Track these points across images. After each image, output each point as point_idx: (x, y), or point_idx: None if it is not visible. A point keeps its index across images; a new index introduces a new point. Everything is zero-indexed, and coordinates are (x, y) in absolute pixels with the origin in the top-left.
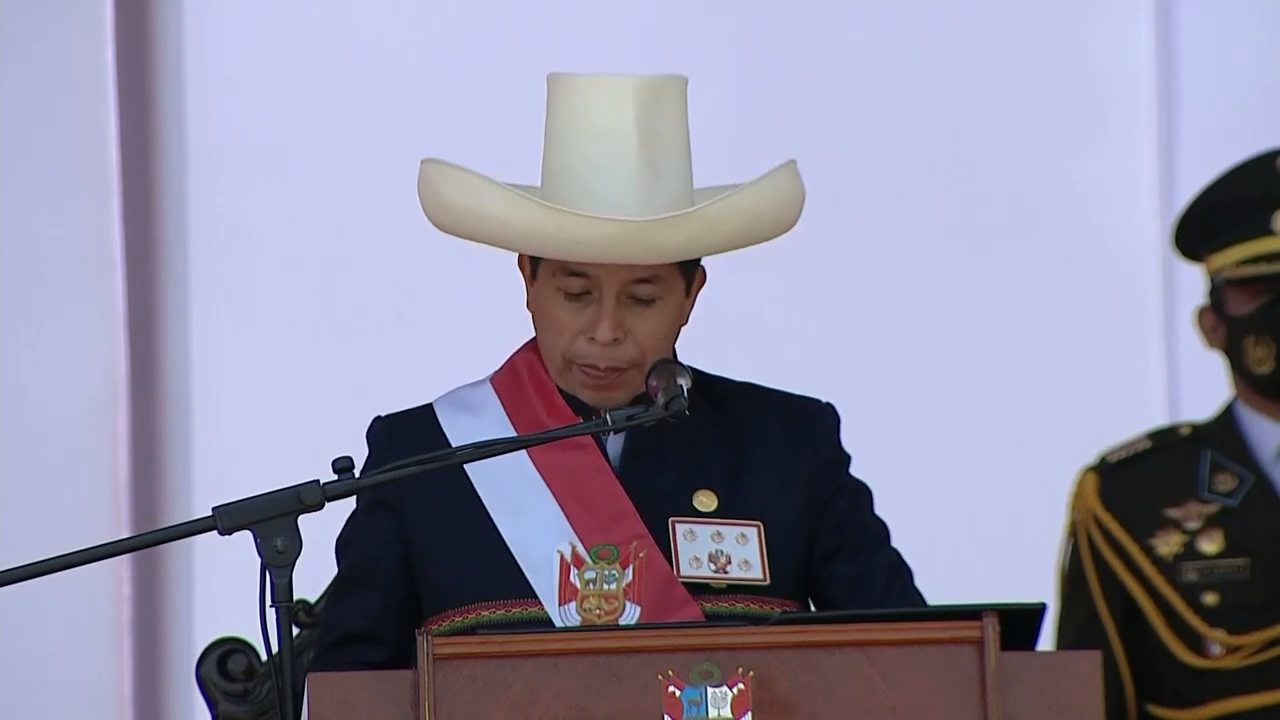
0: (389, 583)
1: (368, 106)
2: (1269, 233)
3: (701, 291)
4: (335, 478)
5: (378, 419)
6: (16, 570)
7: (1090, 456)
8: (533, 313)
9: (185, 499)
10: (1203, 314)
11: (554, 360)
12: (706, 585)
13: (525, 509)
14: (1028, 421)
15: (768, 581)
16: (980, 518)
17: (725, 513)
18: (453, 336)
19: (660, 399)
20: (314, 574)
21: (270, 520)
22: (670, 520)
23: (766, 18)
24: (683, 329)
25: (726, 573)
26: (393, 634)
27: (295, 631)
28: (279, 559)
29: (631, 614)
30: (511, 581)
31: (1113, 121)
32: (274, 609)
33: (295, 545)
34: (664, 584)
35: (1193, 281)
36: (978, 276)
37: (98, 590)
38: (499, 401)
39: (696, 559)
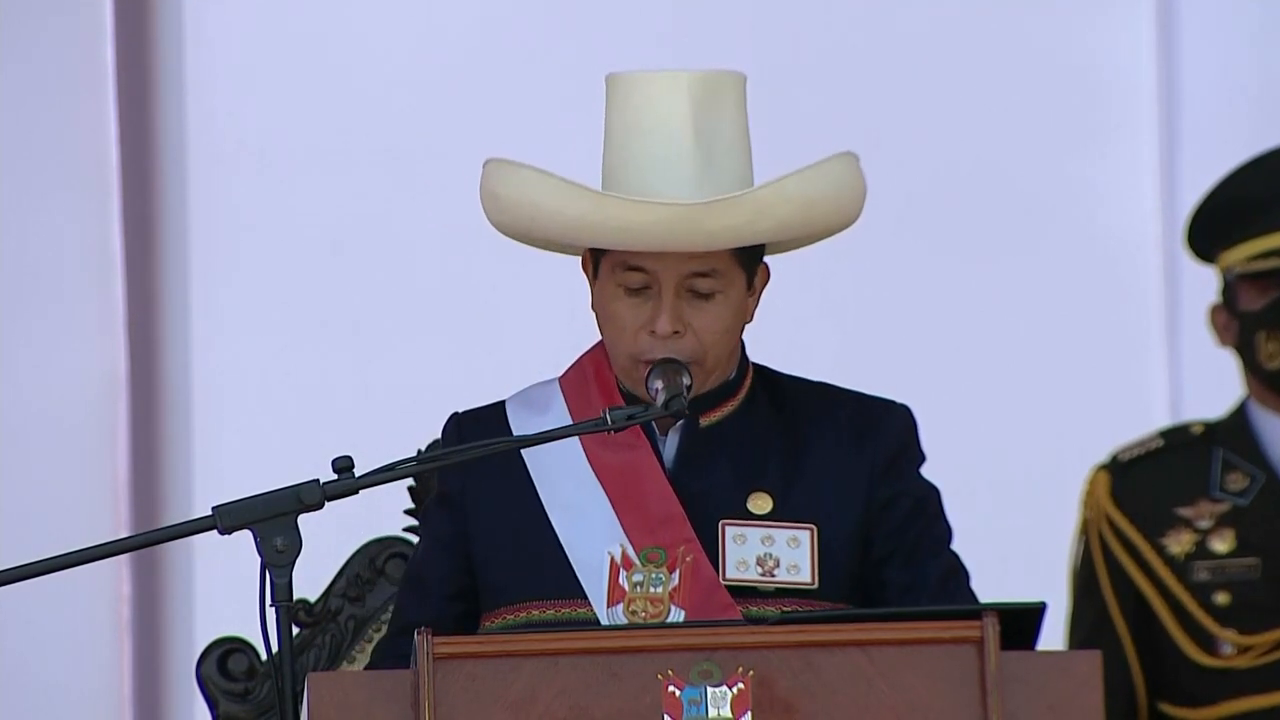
0: (445, 577)
1: (368, 106)
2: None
3: None
4: (335, 478)
5: (453, 415)
6: (16, 570)
7: (1092, 456)
8: (596, 312)
9: (185, 499)
10: (1215, 312)
11: (620, 358)
12: (754, 589)
13: (580, 509)
14: (1029, 421)
15: (815, 585)
16: (980, 516)
17: (779, 515)
18: (454, 336)
19: (661, 398)
20: (314, 574)
21: (270, 520)
22: (720, 523)
23: (769, 19)
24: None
25: (774, 576)
26: (450, 628)
27: (295, 631)
28: (279, 559)
29: (676, 618)
30: (563, 582)
31: (1115, 122)
32: (274, 609)
33: (295, 545)
34: (708, 589)
35: (1195, 281)
36: (980, 276)
37: (98, 590)
38: (564, 400)
39: (744, 562)
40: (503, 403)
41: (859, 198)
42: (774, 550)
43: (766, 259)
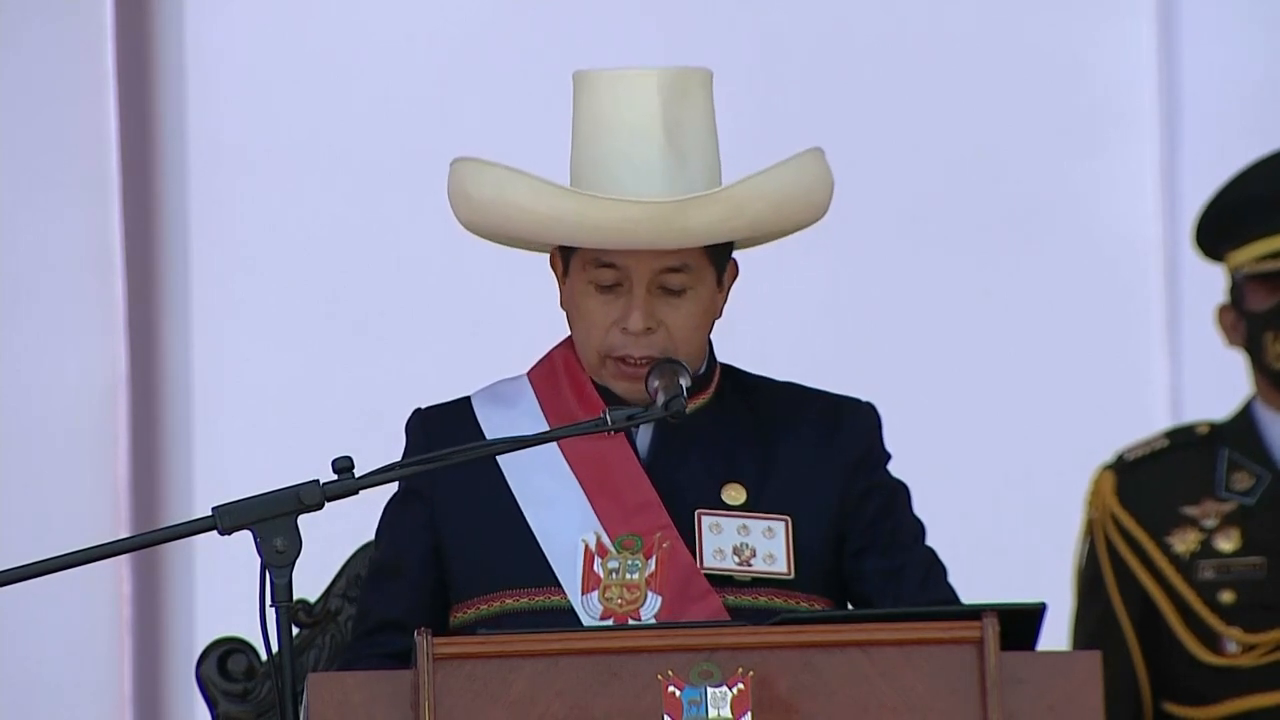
0: (419, 572)
1: (368, 106)
2: None
3: None
4: (335, 478)
5: (416, 411)
6: (16, 570)
7: (1093, 456)
8: (566, 309)
9: (185, 499)
10: (1223, 312)
11: (589, 354)
12: (730, 578)
13: (552, 498)
14: (1030, 423)
15: (792, 576)
16: (980, 516)
17: (754, 507)
18: (454, 336)
19: (660, 398)
20: (314, 574)
21: (270, 520)
22: (696, 512)
23: (767, 18)
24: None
25: (750, 566)
26: (424, 622)
27: (295, 631)
28: (279, 559)
29: (653, 604)
30: (536, 570)
31: (1116, 123)
32: (274, 609)
33: (295, 545)
34: (686, 575)
35: (1196, 281)
36: (981, 277)
37: (98, 590)
38: (534, 395)
39: (720, 551)
40: (468, 398)
41: (828, 192)
42: (750, 540)
43: (735, 255)
